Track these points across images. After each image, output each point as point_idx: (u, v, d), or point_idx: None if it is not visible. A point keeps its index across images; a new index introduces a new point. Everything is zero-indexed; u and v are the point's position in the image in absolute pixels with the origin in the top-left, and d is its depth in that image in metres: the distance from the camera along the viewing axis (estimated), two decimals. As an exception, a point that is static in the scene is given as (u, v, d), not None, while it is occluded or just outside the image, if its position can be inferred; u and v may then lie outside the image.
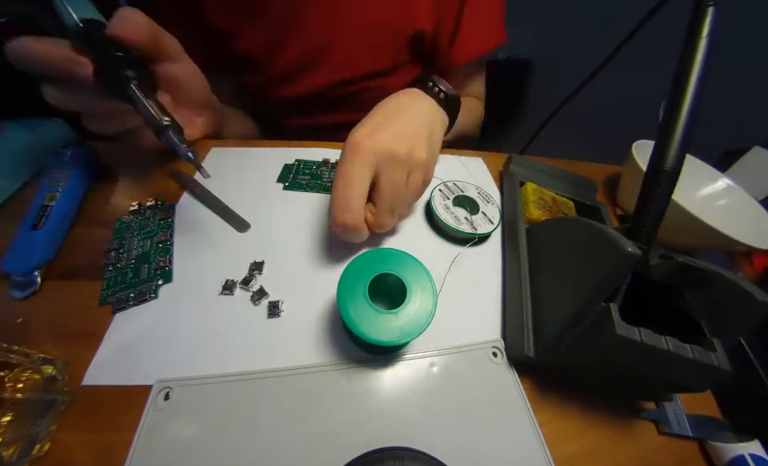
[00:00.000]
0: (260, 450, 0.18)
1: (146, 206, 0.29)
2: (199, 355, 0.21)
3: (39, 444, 0.17)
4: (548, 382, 0.22)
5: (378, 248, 0.22)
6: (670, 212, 0.20)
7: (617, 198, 0.41)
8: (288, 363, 0.21)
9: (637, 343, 0.16)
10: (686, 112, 0.19)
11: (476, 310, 0.26)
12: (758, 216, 0.36)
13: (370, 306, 0.20)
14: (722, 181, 0.40)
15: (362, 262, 0.22)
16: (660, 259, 0.19)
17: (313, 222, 0.30)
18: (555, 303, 0.22)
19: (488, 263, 0.29)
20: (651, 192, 0.19)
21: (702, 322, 0.18)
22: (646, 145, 0.39)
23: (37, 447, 0.17)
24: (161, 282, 0.24)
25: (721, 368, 0.16)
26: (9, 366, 0.18)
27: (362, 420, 0.20)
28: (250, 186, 0.33)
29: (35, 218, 0.26)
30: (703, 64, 0.19)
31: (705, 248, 0.34)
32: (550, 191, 0.35)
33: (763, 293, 0.16)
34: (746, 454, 0.19)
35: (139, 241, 0.27)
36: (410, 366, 0.22)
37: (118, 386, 0.20)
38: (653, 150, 0.20)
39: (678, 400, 0.23)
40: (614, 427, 0.22)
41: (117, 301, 0.23)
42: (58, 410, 0.18)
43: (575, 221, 0.24)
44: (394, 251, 0.23)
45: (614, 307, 0.17)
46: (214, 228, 0.29)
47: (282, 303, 0.24)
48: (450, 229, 0.29)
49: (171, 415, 0.19)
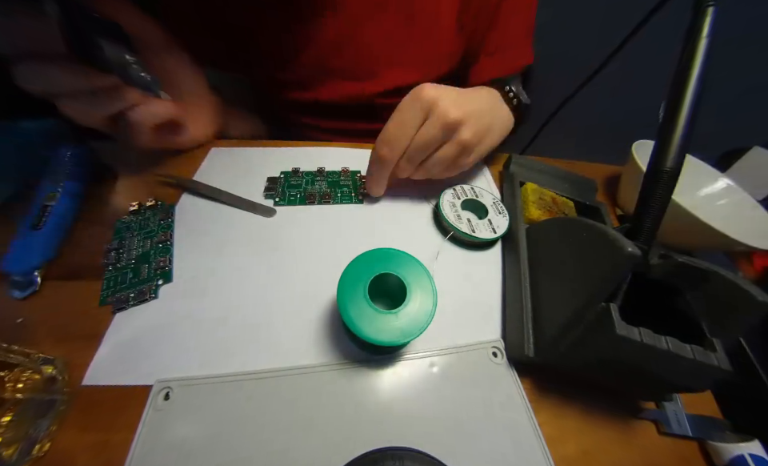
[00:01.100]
0: (260, 450, 0.18)
1: (146, 207, 0.29)
2: (199, 355, 0.21)
3: (39, 444, 0.17)
4: (548, 382, 0.22)
5: (379, 248, 0.22)
6: (669, 212, 0.20)
7: (617, 198, 0.41)
8: (288, 363, 0.21)
9: (636, 342, 0.16)
10: (685, 112, 0.19)
11: (476, 310, 0.26)
12: (758, 216, 0.36)
13: (369, 306, 0.20)
14: (721, 181, 0.40)
15: (362, 262, 0.22)
16: (660, 258, 0.19)
17: (311, 226, 0.30)
18: (555, 303, 0.22)
19: (488, 263, 0.29)
20: (651, 192, 0.19)
21: (702, 322, 0.18)
22: (646, 145, 0.39)
23: (37, 447, 0.17)
24: (161, 282, 0.24)
25: (721, 368, 0.16)
26: (9, 366, 0.18)
27: (362, 420, 0.20)
28: (249, 189, 0.33)
29: (35, 218, 0.26)
30: (703, 64, 0.19)
31: (705, 248, 0.34)
32: (550, 191, 0.35)
33: (763, 293, 0.16)
34: (746, 454, 0.19)
35: (139, 241, 0.27)
36: (410, 366, 0.22)
37: (117, 386, 0.20)
38: (653, 150, 0.20)
39: (678, 400, 0.23)
40: (614, 427, 0.22)
41: (116, 301, 0.23)
42: (58, 410, 0.18)
43: (575, 221, 0.24)
44: (393, 250, 0.23)
45: (614, 306, 0.17)
46: (214, 228, 0.29)
47: (282, 303, 0.24)
48: (447, 223, 0.30)
49: (171, 415, 0.19)
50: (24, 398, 0.17)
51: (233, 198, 0.31)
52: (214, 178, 0.33)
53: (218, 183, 0.32)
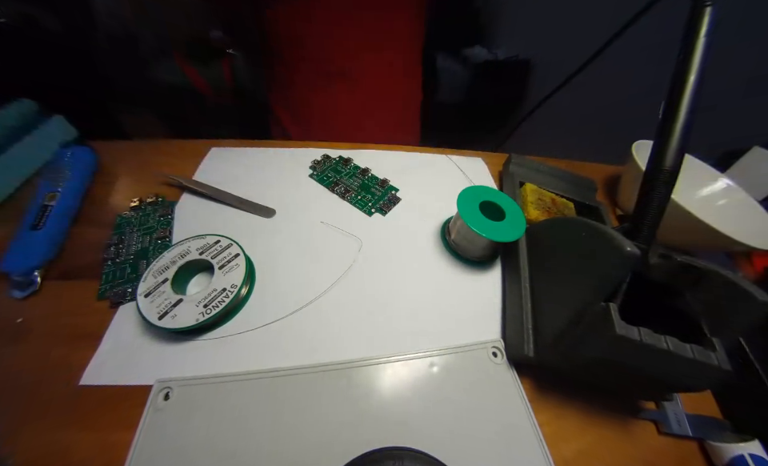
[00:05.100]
0: (260, 449, 0.18)
1: (147, 203, 0.30)
2: (199, 355, 0.21)
3: None
4: (548, 382, 0.22)
5: (475, 186, 0.29)
6: (669, 212, 0.20)
7: (617, 198, 0.41)
8: (288, 364, 0.21)
9: (636, 342, 0.16)
10: (684, 112, 0.19)
11: (476, 310, 0.26)
12: (758, 216, 0.36)
13: (485, 219, 0.26)
14: (721, 181, 0.40)
15: (468, 194, 0.28)
16: (660, 258, 0.19)
17: (311, 230, 0.30)
18: (555, 303, 0.22)
19: (488, 263, 0.29)
20: (651, 192, 0.19)
21: (702, 322, 0.18)
22: (646, 145, 0.39)
23: None
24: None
25: (721, 368, 0.16)
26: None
27: (362, 420, 0.20)
28: (249, 189, 0.33)
29: (35, 218, 0.26)
30: (701, 64, 0.19)
31: (705, 248, 0.34)
32: (549, 192, 0.35)
33: (763, 293, 0.16)
34: (746, 454, 0.19)
35: (138, 237, 0.27)
36: (410, 366, 0.22)
37: (117, 386, 0.20)
38: (652, 150, 0.20)
39: (678, 400, 0.23)
40: (614, 427, 0.22)
41: (114, 295, 0.23)
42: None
43: (575, 221, 0.24)
44: (486, 187, 0.29)
45: (614, 306, 0.17)
46: (213, 227, 0.29)
47: (281, 303, 0.24)
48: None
49: (171, 415, 0.19)
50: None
51: (233, 199, 0.31)
52: (214, 177, 0.33)
53: (218, 183, 0.32)
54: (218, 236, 0.26)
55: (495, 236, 0.25)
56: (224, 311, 0.22)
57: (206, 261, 0.24)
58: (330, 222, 0.30)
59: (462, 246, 0.29)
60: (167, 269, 0.23)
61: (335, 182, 0.34)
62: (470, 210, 0.27)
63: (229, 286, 0.23)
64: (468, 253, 0.29)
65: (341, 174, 0.35)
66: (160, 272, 0.23)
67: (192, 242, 0.25)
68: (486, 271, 0.29)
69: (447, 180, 0.37)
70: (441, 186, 0.36)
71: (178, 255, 0.24)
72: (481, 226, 0.26)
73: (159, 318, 0.21)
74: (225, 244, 0.25)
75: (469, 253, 0.29)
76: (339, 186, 0.34)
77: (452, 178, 0.38)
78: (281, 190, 0.33)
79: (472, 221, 0.26)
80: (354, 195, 0.33)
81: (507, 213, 0.28)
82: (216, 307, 0.22)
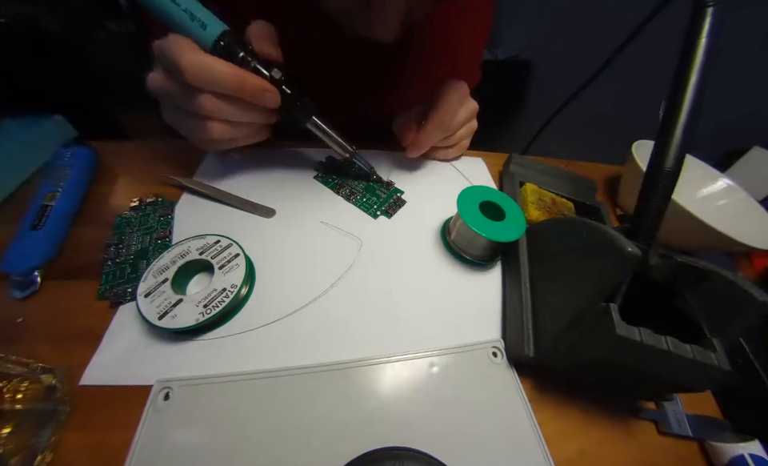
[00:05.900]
0: (259, 450, 0.18)
1: (147, 203, 0.30)
2: (199, 355, 0.21)
3: (41, 455, 0.17)
4: (548, 382, 0.22)
5: (476, 186, 0.30)
6: (670, 212, 0.20)
7: (617, 198, 0.41)
8: (288, 364, 0.21)
9: (637, 342, 0.16)
10: (685, 112, 0.19)
11: (476, 310, 0.26)
12: (758, 216, 0.36)
13: (485, 219, 0.26)
14: (721, 181, 0.40)
15: (468, 194, 0.28)
16: (660, 258, 0.19)
17: (311, 230, 0.30)
18: (555, 303, 0.22)
19: (488, 264, 0.29)
20: (651, 192, 0.19)
21: (702, 322, 0.18)
22: (646, 145, 0.39)
23: (39, 458, 0.16)
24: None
25: (721, 368, 0.16)
26: (7, 376, 0.17)
27: (362, 420, 0.20)
28: (249, 190, 0.33)
29: (35, 218, 0.26)
30: (703, 64, 0.19)
31: (705, 248, 0.34)
32: (549, 192, 0.35)
33: (763, 293, 0.16)
34: (746, 454, 0.19)
35: (138, 237, 0.27)
36: (410, 366, 0.22)
37: (117, 386, 0.20)
38: (653, 150, 0.20)
39: (678, 400, 0.23)
40: (614, 427, 0.22)
41: (114, 295, 0.23)
42: (59, 420, 0.18)
43: (575, 221, 0.24)
44: (487, 188, 0.30)
45: (614, 306, 0.17)
46: (213, 227, 0.29)
47: (280, 304, 0.24)
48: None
49: (171, 415, 0.19)
50: (23, 409, 0.17)
51: (233, 199, 0.31)
52: (214, 177, 0.33)
53: (218, 183, 0.32)
54: (218, 236, 0.26)
55: (495, 236, 0.26)
56: (224, 311, 0.22)
57: (205, 261, 0.24)
58: (331, 222, 0.30)
59: (462, 246, 0.29)
60: (167, 269, 0.23)
61: (340, 185, 0.34)
62: (470, 210, 0.27)
63: (229, 286, 0.23)
64: (468, 253, 0.29)
65: (346, 175, 0.35)
66: (160, 272, 0.23)
67: (192, 242, 0.25)
68: (486, 271, 0.29)
69: (447, 180, 0.37)
70: (441, 186, 0.36)
71: (177, 255, 0.24)
72: (481, 226, 0.26)
73: (159, 318, 0.21)
74: (225, 244, 0.25)
75: (469, 253, 0.29)
76: (344, 188, 0.34)
77: (452, 178, 0.38)
78: (282, 191, 0.33)
79: (472, 221, 0.26)
80: (359, 197, 0.33)
81: (507, 213, 0.28)
82: (216, 307, 0.22)
